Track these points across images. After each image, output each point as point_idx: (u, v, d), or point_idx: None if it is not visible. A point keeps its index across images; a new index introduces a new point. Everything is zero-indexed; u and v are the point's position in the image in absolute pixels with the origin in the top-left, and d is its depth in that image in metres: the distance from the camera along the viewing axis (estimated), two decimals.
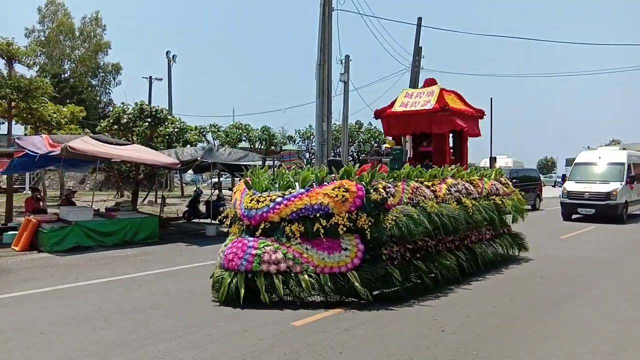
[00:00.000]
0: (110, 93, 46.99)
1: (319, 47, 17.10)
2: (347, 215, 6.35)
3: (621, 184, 17.14)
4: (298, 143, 29.43)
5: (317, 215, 6.35)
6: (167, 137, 18.97)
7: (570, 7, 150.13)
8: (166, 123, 18.90)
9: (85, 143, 11.32)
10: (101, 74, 46.50)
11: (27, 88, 14.93)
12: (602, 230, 15.21)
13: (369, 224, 6.38)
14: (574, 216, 17.83)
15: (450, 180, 8.33)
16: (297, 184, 6.80)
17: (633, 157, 18.94)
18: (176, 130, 19.18)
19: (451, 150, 11.01)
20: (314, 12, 21.44)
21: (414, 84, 26.90)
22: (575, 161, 19.34)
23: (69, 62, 45.05)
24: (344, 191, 6.38)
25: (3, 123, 22.25)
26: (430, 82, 10.99)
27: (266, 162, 12.79)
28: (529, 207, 22.16)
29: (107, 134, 17.17)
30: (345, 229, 6.37)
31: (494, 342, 5.10)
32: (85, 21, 45.52)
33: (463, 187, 8.44)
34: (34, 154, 10.84)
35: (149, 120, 18.18)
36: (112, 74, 46.63)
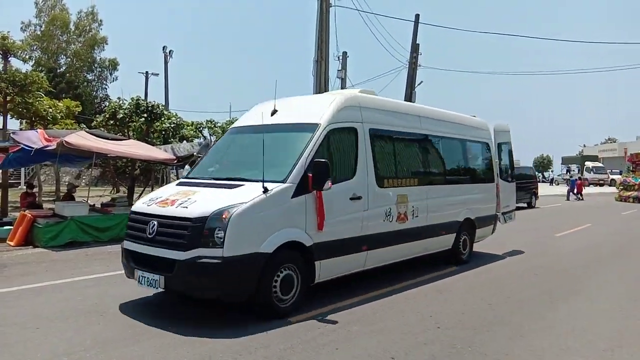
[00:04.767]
0: (106, 88, 46.97)
1: (316, 44, 17.03)
2: None
3: (266, 194, 5.37)
4: None
5: None
6: (163, 132, 18.93)
7: (576, 5, 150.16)
8: (162, 118, 18.84)
9: (81, 138, 11.27)
10: (97, 69, 46.40)
11: (23, 82, 14.87)
12: None
13: None
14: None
15: None
16: None
17: (383, 113, 7.29)
18: (172, 125, 19.12)
19: None
20: (311, 8, 21.39)
21: (411, 81, 26.86)
22: (231, 127, 7.80)
23: (64, 57, 44.90)
24: None
25: None
26: None
27: None
28: (525, 204, 22.35)
29: (103, 129, 17.11)
30: None
31: (490, 338, 5.12)
32: (80, 15, 45.44)
33: None
34: (30, 148, 10.78)
35: (145, 115, 18.12)
36: (109, 70, 46.58)
